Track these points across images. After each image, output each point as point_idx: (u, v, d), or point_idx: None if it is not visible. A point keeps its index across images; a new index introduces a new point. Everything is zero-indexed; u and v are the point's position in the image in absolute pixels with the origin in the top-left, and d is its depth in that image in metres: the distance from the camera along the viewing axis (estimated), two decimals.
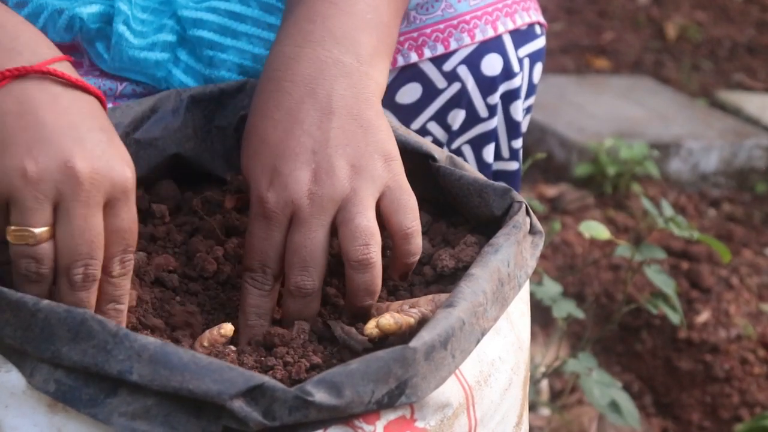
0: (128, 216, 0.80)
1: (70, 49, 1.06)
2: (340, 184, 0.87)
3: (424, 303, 0.86)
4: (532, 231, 0.91)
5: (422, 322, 0.81)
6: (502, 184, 0.94)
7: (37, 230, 0.77)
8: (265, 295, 0.88)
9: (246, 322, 0.88)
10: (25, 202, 0.76)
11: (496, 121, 1.15)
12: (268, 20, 1.07)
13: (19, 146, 0.77)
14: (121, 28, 1.02)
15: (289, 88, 0.91)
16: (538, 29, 1.17)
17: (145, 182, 1.01)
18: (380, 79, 0.95)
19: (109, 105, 1.06)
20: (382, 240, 0.88)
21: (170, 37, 1.06)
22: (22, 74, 0.79)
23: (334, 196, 0.87)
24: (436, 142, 1.15)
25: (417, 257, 0.91)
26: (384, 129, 0.91)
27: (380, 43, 0.95)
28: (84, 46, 1.05)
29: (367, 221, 0.86)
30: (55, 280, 0.79)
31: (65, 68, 0.82)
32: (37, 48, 0.82)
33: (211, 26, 1.05)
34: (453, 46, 1.11)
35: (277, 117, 0.90)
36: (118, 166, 0.79)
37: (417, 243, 0.90)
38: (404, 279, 0.93)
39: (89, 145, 0.78)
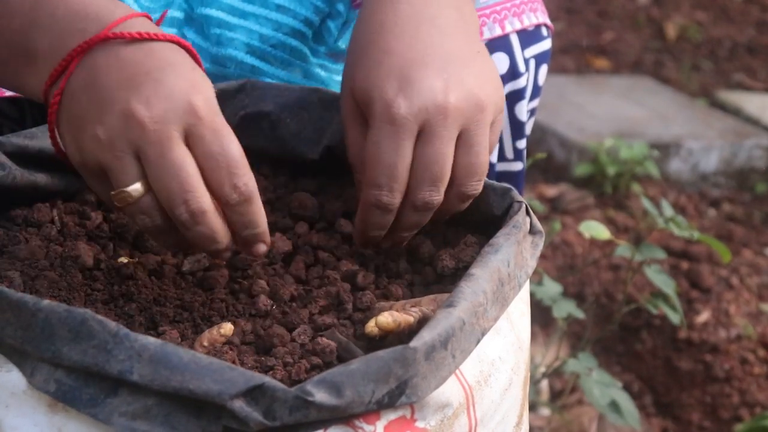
0: (213, 138, 0.78)
1: None
2: (472, 100, 0.85)
3: (426, 303, 0.86)
4: (532, 231, 0.91)
5: (422, 321, 0.81)
6: (502, 183, 0.94)
7: (130, 188, 0.78)
8: (388, 213, 0.85)
9: (367, 234, 0.86)
10: (110, 164, 0.77)
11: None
12: (276, 1, 1.06)
13: (90, 115, 0.78)
14: (128, 2, 1.02)
15: (406, 9, 0.88)
16: (544, 31, 1.17)
17: None
18: (477, 21, 0.94)
19: None
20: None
21: (178, 14, 1.05)
22: (85, 50, 0.80)
23: (467, 111, 0.84)
24: None
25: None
26: (491, 59, 0.91)
27: None
28: None
29: (486, 155, 0.86)
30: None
31: (135, 25, 0.81)
32: (101, 17, 0.81)
33: (219, 5, 1.05)
34: None
35: (397, 31, 0.87)
36: (180, 96, 0.77)
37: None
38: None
39: (144, 90, 0.77)
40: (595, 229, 1.55)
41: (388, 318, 0.81)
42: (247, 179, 0.79)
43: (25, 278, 0.85)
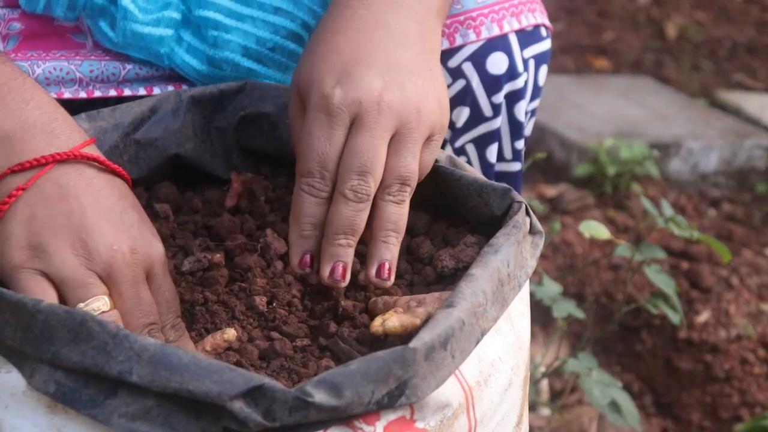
0: (169, 286, 0.86)
1: (73, 30, 1.06)
2: (409, 105, 0.86)
3: (430, 301, 0.85)
4: (532, 231, 0.91)
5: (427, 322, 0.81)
6: (502, 184, 0.94)
7: (103, 300, 0.81)
8: (321, 203, 0.85)
9: (300, 233, 0.85)
10: (82, 279, 0.80)
11: (500, 121, 1.15)
12: (273, 3, 1.06)
13: (67, 229, 0.81)
14: (126, 2, 1.03)
15: (365, 15, 0.90)
16: (543, 32, 1.17)
17: (145, 182, 1.01)
18: (439, 40, 0.95)
19: (112, 91, 1.06)
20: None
21: (175, 15, 1.05)
22: (62, 159, 0.83)
23: (401, 114, 0.86)
24: None
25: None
26: (444, 83, 0.92)
27: (444, 5, 0.96)
28: (88, 24, 1.06)
29: (414, 162, 0.86)
30: None
31: (95, 151, 0.86)
32: (72, 132, 0.85)
33: (216, 7, 1.05)
34: (458, 41, 1.11)
35: (350, 34, 0.89)
36: (154, 242, 0.85)
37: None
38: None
39: (126, 227, 0.83)
40: (595, 229, 1.55)
41: (395, 322, 0.81)
42: (181, 320, 0.86)
43: None
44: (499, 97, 1.13)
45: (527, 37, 1.14)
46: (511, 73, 1.13)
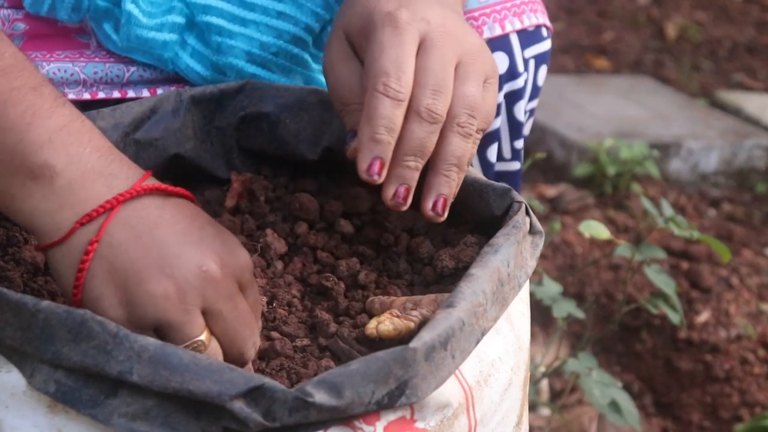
0: (255, 288, 0.82)
1: (78, 31, 1.06)
2: (468, 37, 0.85)
3: (426, 303, 0.86)
4: (532, 231, 0.91)
5: (423, 324, 0.81)
6: (502, 184, 0.94)
7: (203, 337, 0.77)
8: (397, 106, 0.80)
9: (373, 135, 0.80)
10: (179, 319, 0.76)
11: (500, 122, 1.15)
12: (277, 8, 1.06)
13: (149, 269, 0.76)
14: (130, 6, 1.02)
15: None
16: (544, 32, 1.17)
17: None
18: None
19: (116, 92, 1.06)
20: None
21: (179, 19, 1.05)
22: (127, 199, 0.78)
23: (463, 44, 0.84)
24: None
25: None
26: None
27: None
28: (92, 26, 1.05)
29: (479, 93, 0.84)
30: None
31: (154, 181, 0.81)
32: (129, 169, 0.80)
33: (219, 12, 1.05)
34: None
35: None
36: (239, 251, 0.80)
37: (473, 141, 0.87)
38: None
39: (208, 243, 0.78)
40: (595, 228, 1.55)
41: (389, 326, 0.81)
42: (259, 320, 0.84)
43: (25, 278, 0.85)
44: (499, 97, 1.13)
45: (528, 37, 1.15)
46: (512, 73, 1.13)
